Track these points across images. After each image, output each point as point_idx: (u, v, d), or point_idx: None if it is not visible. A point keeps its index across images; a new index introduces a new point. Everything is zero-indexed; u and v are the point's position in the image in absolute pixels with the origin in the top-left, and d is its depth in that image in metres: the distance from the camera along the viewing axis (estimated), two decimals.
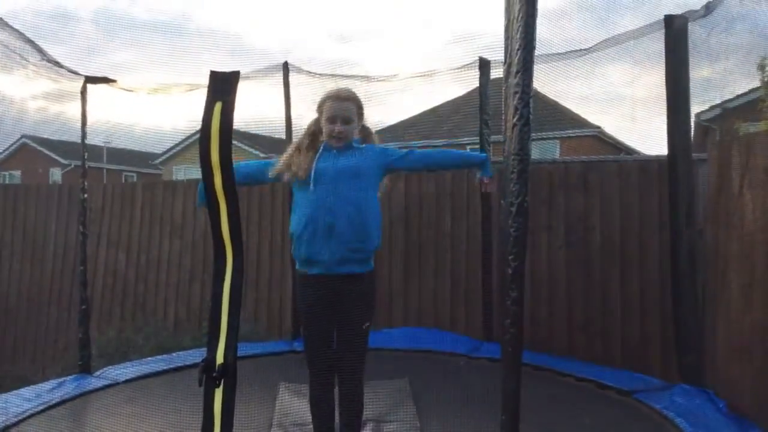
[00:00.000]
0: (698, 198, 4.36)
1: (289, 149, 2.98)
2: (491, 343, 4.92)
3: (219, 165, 1.52)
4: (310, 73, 5.37)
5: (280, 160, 2.96)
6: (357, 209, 2.75)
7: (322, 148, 2.89)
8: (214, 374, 1.66)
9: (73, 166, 26.65)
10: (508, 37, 1.86)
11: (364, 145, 2.99)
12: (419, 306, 5.86)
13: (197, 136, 1.57)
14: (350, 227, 2.73)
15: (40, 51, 4.00)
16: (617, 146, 17.80)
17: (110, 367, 4.64)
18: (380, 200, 2.94)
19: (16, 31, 3.95)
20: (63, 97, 5.07)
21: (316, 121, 2.96)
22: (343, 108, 2.87)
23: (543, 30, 1.79)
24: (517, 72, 1.79)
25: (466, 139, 15.29)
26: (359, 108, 2.95)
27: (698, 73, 4.25)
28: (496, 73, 5.16)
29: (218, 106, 1.51)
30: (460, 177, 5.99)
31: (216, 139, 1.51)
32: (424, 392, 3.88)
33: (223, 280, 1.64)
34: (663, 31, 4.07)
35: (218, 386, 1.67)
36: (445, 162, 3.32)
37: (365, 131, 3.07)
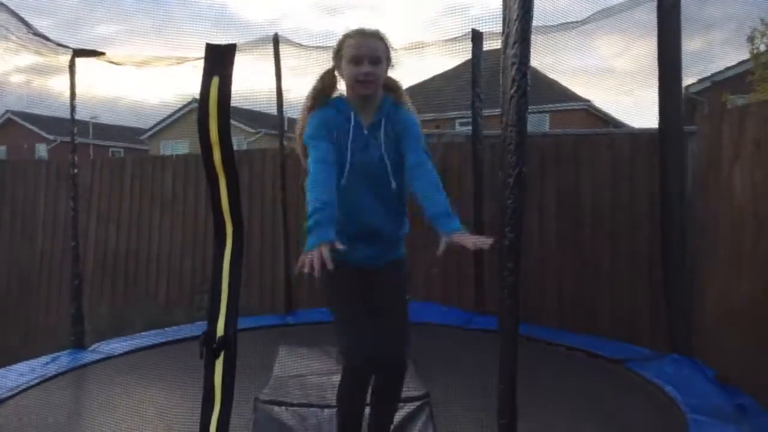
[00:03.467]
0: (688, 170, 4.39)
1: (301, 117, 2.51)
2: (483, 316, 4.97)
3: (218, 139, 1.52)
4: (301, 45, 5.32)
5: (297, 131, 2.51)
6: (396, 205, 2.46)
7: (352, 120, 2.38)
8: (215, 346, 1.68)
9: (59, 141, 26.36)
10: (506, 7, 1.85)
11: (396, 108, 2.47)
12: (412, 282, 5.89)
13: (184, 110, 1.56)
14: (386, 227, 2.46)
15: (26, 24, 3.92)
16: (606, 120, 17.81)
17: (103, 341, 4.65)
18: None
19: (1, 4, 3.88)
20: (48, 71, 5.00)
21: (329, 73, 2.49)
22: (370, 45, 2.36)
23: (536, 1, 1.78)
24: (515, 42, 1.79)
25: (455, 113, 15.25)
26: (388, 49, 2.42)
27: (687, 45, 4.25)
28: (488, 45, 5.14)
29: (215, 80, 1.49)
30: (450, 149, 5.99)
31: (214, 113, 1.50)
32: (421, 357, 3.92)
33: (223, 253, 1.64)
34: (655, 2, 4.05)
35: (218, 358, 1.69)
36: (426, 194, 2.34)
37: (392, 84, 2.52)
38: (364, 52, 2.34)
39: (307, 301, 5.97)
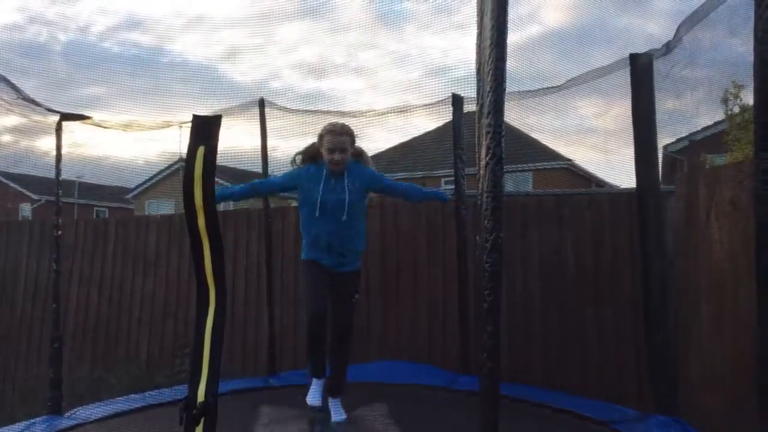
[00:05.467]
0: (668, 230, 4.46)
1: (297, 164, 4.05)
2: (468, 376, 4.93)
3: (202, 206, 1.55)
4: (287, 109, 5.44)
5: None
6: (350, 231, 3.86)
7: (324, 174, 3.82)
8: (195, 412, 1.67)
9: (44, 201, 26.28)
10: (480, 79, 1.93)
11: (357, 165, 3.95)
12: (397, 339, 5.86)
13: (170, 170, 1.60)
14: (345, 244, 3.86)
15: (15, 89, 3.99)
16: (588, 178, 18.11)
17: (81, 407, 4.53)
18: (367, 207, 4.07)
19: None
20: (34, 132, 5.05)
21: (315, 146, 3.90)
22: (340, 141, 3.77)
23: (512, 63, 1.86)
24: (488, 113, 1.86)
25: (441, 171, 15.46)
26: (352, 139, 3.87)
27: (664, 105, 4.38)
28: (469, 107, 5.27)
29: (201, 150, 1.54)
30: (436, 207, 6.06)
31: (199, 182, 1.54)
32: (403, 423, 3.87)
33: (205, 318, 1.65)
34: (629, 68, 4.20)
35: (198, 425, 1.68)
36: (409, 194, 4.33)
37: (357, 152, 4.02)
38: (336, 146, 3.76)
39: (290, 361, 5.91)
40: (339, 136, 3.77)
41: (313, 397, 3.90)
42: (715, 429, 3.55)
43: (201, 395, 1.66)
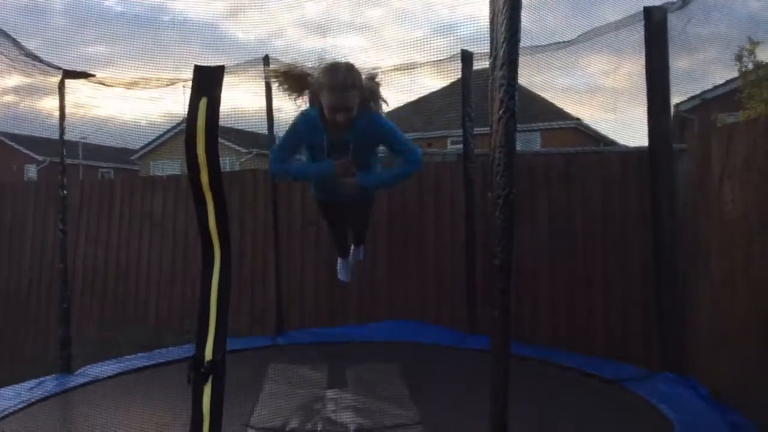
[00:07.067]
0: (678, 188, 4.40)
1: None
2: (476, 336, 4.94)
3: (206, 161, 1.50)
4: (293, 65, 5.32)
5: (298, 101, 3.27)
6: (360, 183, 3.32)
7: (324, 140, 3.10)
8: (203, 371, 1.65)
9: (48, 162, 26.27)
10: (493, 30, 1.85)
11: (366, 118, 3.04)
12: (404, 303, 5.88)
13: (175, 131, 1.55)
14: (356, 198, 3.52)
15: (17, 44, 3.90)
16: (597, 138, 17.94)
17: (91, 365, 4.58)
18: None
19: None
20: (36, 92, 4.97)
21: (314, 88, 3.08)
22: (343, 99, 2.89)
23: (523, 20, 1.79)
24: (502, 65, 1.79)
25: (447, 131, 15.33)
26: (361, 91, 2.95)
27: (677, 63, 4.28)
28: (477, 65, 5.16)
29: (203, 102, 1.49)
30: (442, 168, 6.01)
31: (202, 135, 1.49)
32: (414, 378, 3.89)
33: (211, 276, 1.62)
34: (642, 22, 4.08)
35: (207, 383, 1.66)
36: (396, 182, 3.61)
37: (366, 95, 3.03)
38: (339, 104, 2.88)
39: (298, 321, 5.94)
40: (342, 93, 2.87)
41: (341, 274, 4.53)
42: (724, 387, 3.55)
43: (209, 354, 1.64)
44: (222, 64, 1.50)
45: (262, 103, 5.39)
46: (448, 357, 4.63)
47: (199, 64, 1.55)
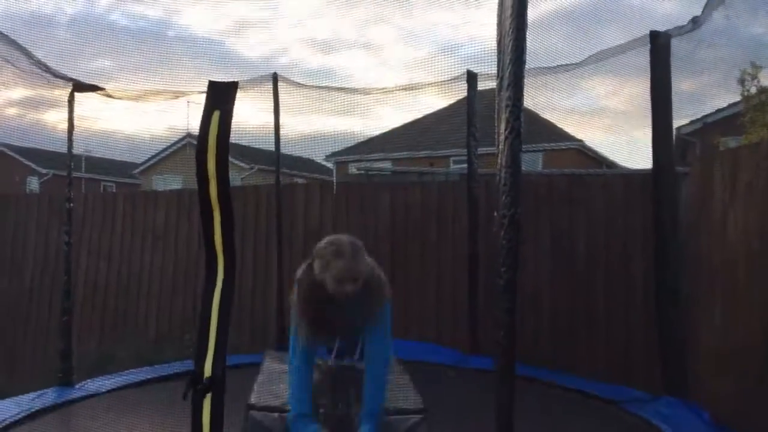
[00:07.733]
0: (681, 210, 4.41)
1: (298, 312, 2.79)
2: (477, 356, 4.92)
3: (215, 174, 1.51)
4: (299, 84, 5.38)
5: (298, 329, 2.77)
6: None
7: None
8: (201, 387, 1.64)
9: (51, 175, 26.28)
10: (500, 51, 1.88)
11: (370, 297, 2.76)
12: (405, 322, 5.85)
13: (177, 146, 1.56)
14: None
15: (27, 53, 3.93)
16: (598, 160, 17.95)
17: (90, 379, 4.56)
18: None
19: (1, 33, 3.87)
20: (42, 105, 4.99)
21: (313, 273, 2.71)
22: (354, 270, 2.62)
23: (529, 42, 1.82)
24: (508, 85, 1.81)
25: (449, 150, 15.35)
26: (364, 261, 2.71)
27: (678, 87, 4.32)
28: (481, 85, 5.20)
29: (216, 115, 1.50)
30: (445, 188, 6.02)
31: (213, 148, 1.50)
32: None
33: (213, 290, 1.62)
34: (647, 46, 4.12)
35: (206, 399, 1.65)
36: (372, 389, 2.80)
37: (373, 284, 2.78)
38: (349, 275, 2.59)
39: None
40: (353, 263, 2.61)
41: None
42: (725, 411, 3.53)
43: (208, 369, 1.63)
44: (235, 81, 1.52)
45: (265, 118, 5.45)
46: (450, 376, 4.61)
47: (205, 79, 1.57)
